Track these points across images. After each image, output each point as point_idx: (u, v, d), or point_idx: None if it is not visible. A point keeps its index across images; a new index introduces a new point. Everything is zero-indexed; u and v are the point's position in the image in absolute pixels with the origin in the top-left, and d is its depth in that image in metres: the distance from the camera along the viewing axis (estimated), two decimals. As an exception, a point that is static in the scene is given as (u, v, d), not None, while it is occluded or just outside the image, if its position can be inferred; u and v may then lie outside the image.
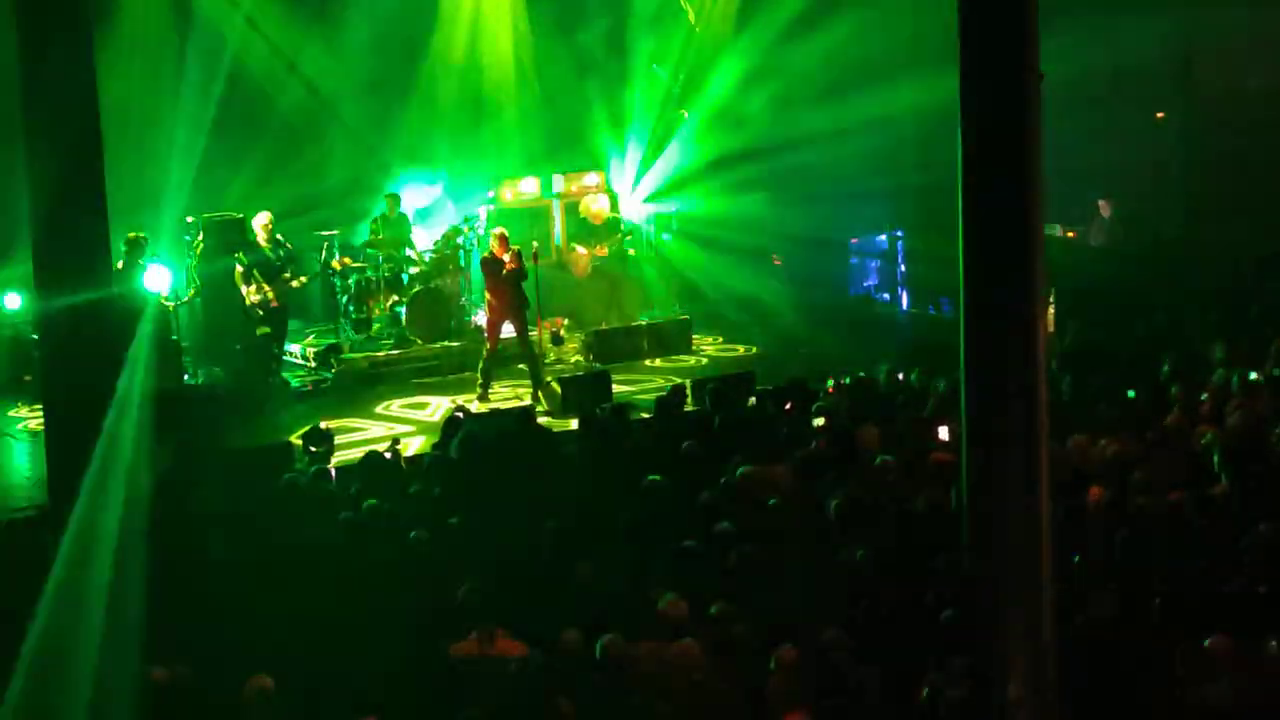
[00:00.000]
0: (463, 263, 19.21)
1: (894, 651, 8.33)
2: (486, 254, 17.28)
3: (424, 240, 19.61)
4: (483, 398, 16.81)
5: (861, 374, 14.75)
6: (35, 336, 13.86)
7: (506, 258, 16.75)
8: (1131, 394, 12.65)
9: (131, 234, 16.22)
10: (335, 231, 19.02)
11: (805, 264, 22.33)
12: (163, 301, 16.77)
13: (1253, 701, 7.87)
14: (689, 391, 15.01)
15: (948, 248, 6.43)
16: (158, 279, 16.59)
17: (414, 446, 14.67)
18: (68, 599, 9.37)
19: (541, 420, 14.94)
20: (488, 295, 17.21)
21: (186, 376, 17.10)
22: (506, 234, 17.23)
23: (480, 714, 7.99)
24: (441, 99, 21.22)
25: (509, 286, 16.81)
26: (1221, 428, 11.79)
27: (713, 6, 22.54)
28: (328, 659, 8.49)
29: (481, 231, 19.74)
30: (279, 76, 20.35)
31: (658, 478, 10.91)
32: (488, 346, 17.07)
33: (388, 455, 12.60)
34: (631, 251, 21.24)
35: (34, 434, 15.21)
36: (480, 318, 18.60)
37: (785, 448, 12.19)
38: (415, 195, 20.39)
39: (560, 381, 16.50)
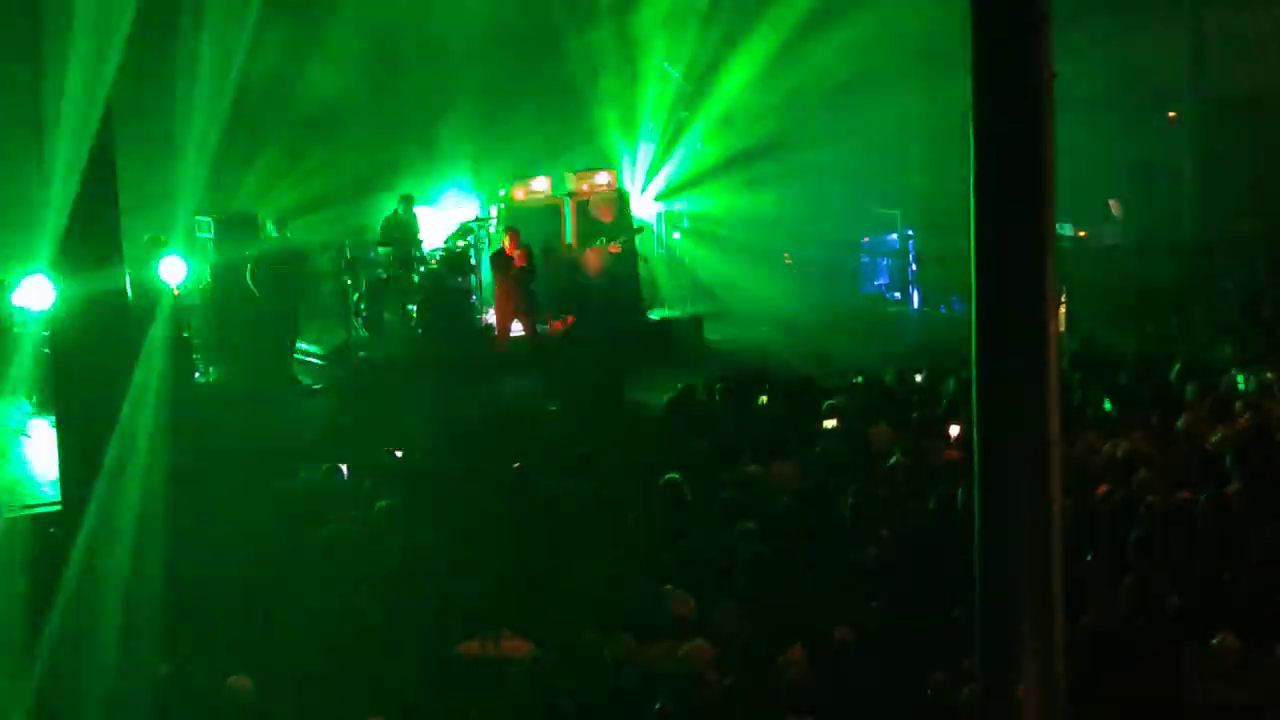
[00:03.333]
0: (473, 261, 19.23)
1: (904, 651, 8.33)
2: (495, 250, 17.35)
3: (435, 239, 19.63)
4: (493, 394, 16.89)
5: (872, 373, 14.75)
6: (46, 334, 13.88)
7: (515, 255, 16.82)
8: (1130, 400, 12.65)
9: (150, 235, 16.35)
10: (347, 230, 19.03)
11: (816, 263, 22.34)
12: (175, 296, 16.81)
13: (1260, 702, 7.86)
14: (700, 390, 15.01)
15: (958, 247, 6.42)
16: (173, 270, 16.66)
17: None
18: (83, 594, 9.41)
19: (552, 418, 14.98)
20: (496, 292, 17.27)
21: (198, 374, 17.13)
22: (519, 232, 17.29)
23: (487, 714, 8.01)
24: (454, 97, 21.22)
25: (516, 285, 16.90)
26: (1232, 428, 11.77)
27: (723, 6, 22.53)
28: (336, 657, 8.50)
29: (493, 230, 19.78)
30: (291, 75, 20.36)
31: (676, 476, 10.90)
32: (498, 343, 17.15)
33: (397, 454, 12.61)
34: (645, 260, 21.29)
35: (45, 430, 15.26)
36: (490, 316, 18.64)
37: (796, 446, 12.20)
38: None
39: (571, 379, 16.50)
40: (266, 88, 20.09)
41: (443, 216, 20.40)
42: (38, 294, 15.91)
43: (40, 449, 14.97)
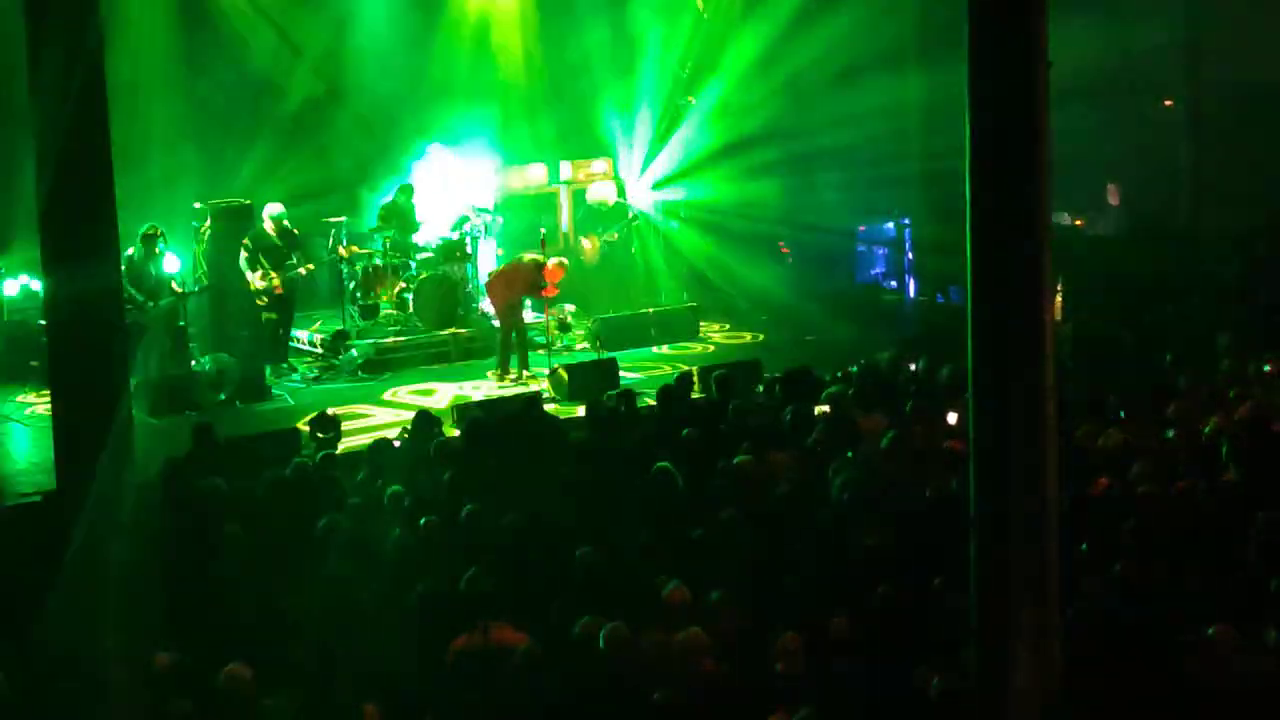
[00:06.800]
0: (469, 250, 19.23)
1: (899, 640, 8.33)
2: (534, 264, 17.48)
3: (431, 228, 19.59)
4: (504, 381, 16.97)
5: (868, 362, 14.74)
6: (42, 322, 13.86)
7: (550, 284, 17.27)
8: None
9: (148, 227, 16.48)
10: (343, 218, 19.01)
11: (812, 251, 22.32)
12: (175, 288, 16.82)
13: (1256, 691, 7.86)
14: (695, 379, 15.02)
15: (955, 235, 6.42)
16: (170, 261, 16.76)
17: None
18: (79, 582, 9.40)
19: (548, 407, 14.98)
20: (501, 287, 17.38)
21: (194, 363, 17.13)
22: (567, 263, 17.71)
23: (481, 703, 8.00)
24: (450, 85, 21.18)
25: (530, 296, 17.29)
26: (1229, 417, 11.77)
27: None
28: (332, 646, 8.49)
29: (489, 219, 19.77)
30: (287, 62, 20.34)
31: (665, 464, 10.92)
32: (503, 329, 17.30)
33: (396, 443, 12.62)
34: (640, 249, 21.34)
35: (40, 419, 15.25)
36: (487, 304, 18.66)
37: (791, 435, 12.19)
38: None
39: (567, 368, 16.52)
40: (263, 73, 20.10)
41: (438, 204, 20.34)
42: (30, 284, 15.96)
43: (36, 438, 14.96)
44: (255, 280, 17.40)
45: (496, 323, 17.95)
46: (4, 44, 11.71)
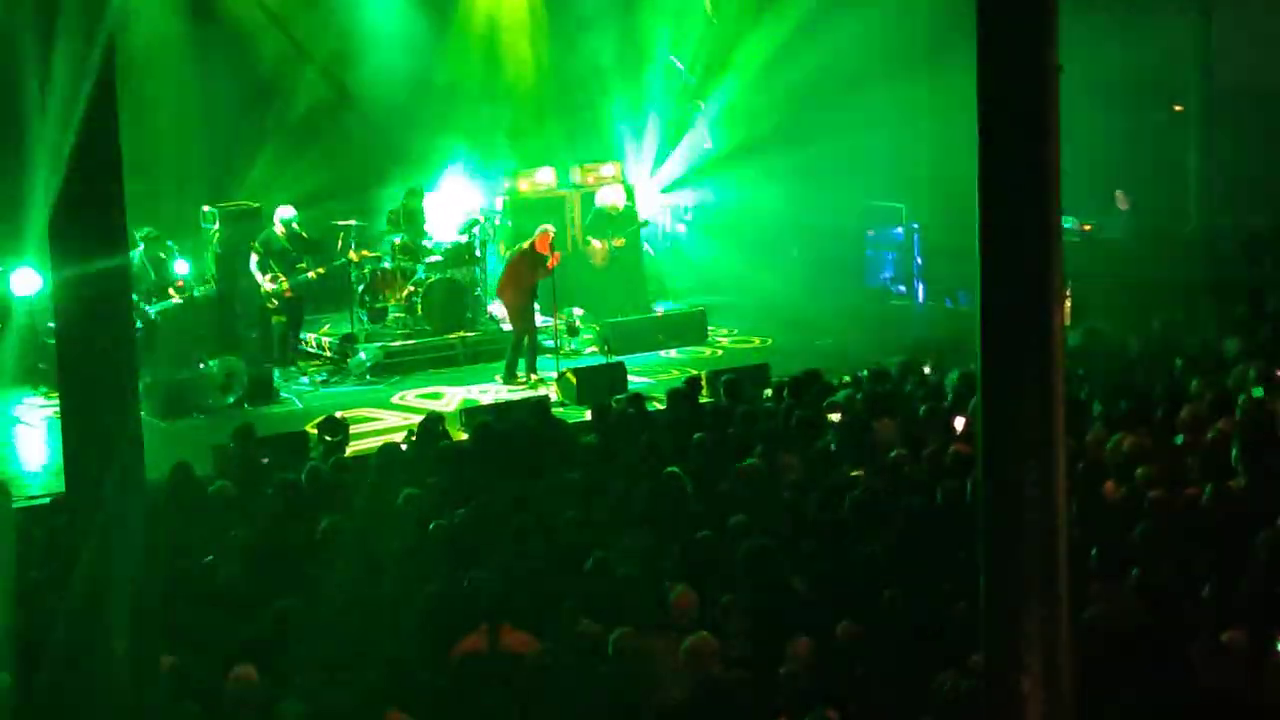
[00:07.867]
0: (478, 253, 19.23)
1: (908, 645, 8.32)
2: (526, 248, 17.49)
3: (441, 232, 19.60)
4: (513, 384, 17.02)
5: (877, 366, 14.73)
6: (51, 324, 13.89)
7: (551, 256, 17.21)
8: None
9: (147, 231, 16.51)
10: (352, 221, 19.01)
11: (821, 255, 22.32)
12: (179, 288, 16.86)
13: (1268, 697, 7.85)
14: (704, 383, 15.01)
15: (964, 240, 6.41)
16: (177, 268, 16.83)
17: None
18: (87, 583, 9.40)
19: (556, 411, 14.98)
20: (509, 286, 17.39)
21: (202, 365, 17.16)
22: (553, 232, 17.62)
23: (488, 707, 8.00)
24: (460, 89, 21.20)
25: (535, 283, 17.19)
26: (1238, 423, 11.73)
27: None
28: (339, 648, 8.49)
29: (498, 223, 19.79)
30: (297, 65, 20.36)
31: (675, 469, 10.91)
32: (514, 332, 17.35)
33: (403, 446, 12.62)
34: (648, 248, 21.30)
35: (49, 420, 15.26)
36: (497, 308, 18.67)
37: (800, 440, 12.18)
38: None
39: (575, 372, 16.53)
40: (272, 76, 20.12)
41: (447, 207, 20.35)
42: (31, 281, 15.99)
43: (44, 437, 14.98)
44: (265, 283, 17.44)
45: (507, 326, 17.97)
46: (11, 45, 11.70)
